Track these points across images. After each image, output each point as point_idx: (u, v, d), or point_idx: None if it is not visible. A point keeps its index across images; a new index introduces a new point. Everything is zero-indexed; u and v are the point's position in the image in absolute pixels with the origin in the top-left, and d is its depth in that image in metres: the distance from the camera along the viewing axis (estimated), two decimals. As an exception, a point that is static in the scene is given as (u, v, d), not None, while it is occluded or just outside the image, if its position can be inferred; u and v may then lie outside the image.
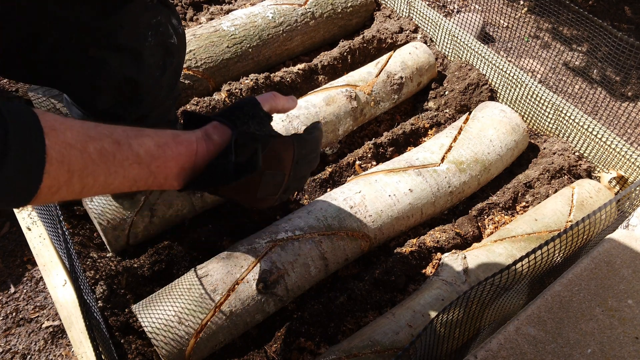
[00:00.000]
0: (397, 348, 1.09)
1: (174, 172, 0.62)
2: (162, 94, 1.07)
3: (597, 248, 1.03)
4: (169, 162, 0.60)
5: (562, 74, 2.39)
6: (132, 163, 0.55)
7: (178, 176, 0.63)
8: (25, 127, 0.47)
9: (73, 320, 1.11)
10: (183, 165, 0.62)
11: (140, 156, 0.56)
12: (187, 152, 0.62)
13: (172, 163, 0.61)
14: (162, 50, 1.00)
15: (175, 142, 0.61)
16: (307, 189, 1.52)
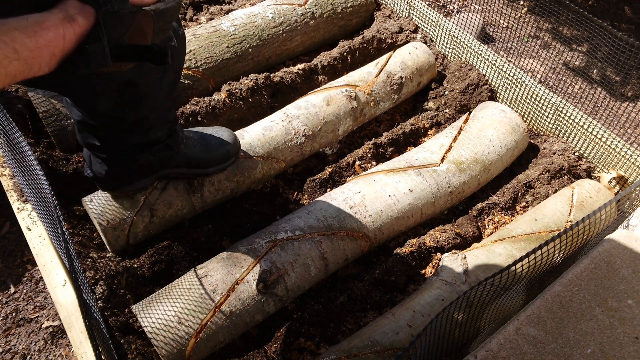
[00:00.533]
0: (397, 348, 1.09)
1: (46, 59, 0.60)
2: (161, 96, 1.08)
3: (597, 248, 1.03)
4: (42, 50, 0.58)
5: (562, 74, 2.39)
6: (12, 60, 0.54)
7: (49, 63, 0.61)
8: None
9: (73, 320, 1.11)
10: (53, 51, 0.60)
11: (18, 51, 0.55)
12: (55, 38, 0.60)
13: (44, 52, 0.59)
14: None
15: (43, 29, 0.58)
16: (307, 189, 1.52)
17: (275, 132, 1.49)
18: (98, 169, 1.21)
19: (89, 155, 1.22)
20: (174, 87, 1.11)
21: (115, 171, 1.21)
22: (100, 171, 1.21)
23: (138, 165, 1.21)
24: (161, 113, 1.13)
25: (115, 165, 1.20)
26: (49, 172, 1.39)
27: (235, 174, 1.41)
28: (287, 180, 1.57)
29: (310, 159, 1.64)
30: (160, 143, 1.21)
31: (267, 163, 1.47)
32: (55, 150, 1.48)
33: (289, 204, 1.51)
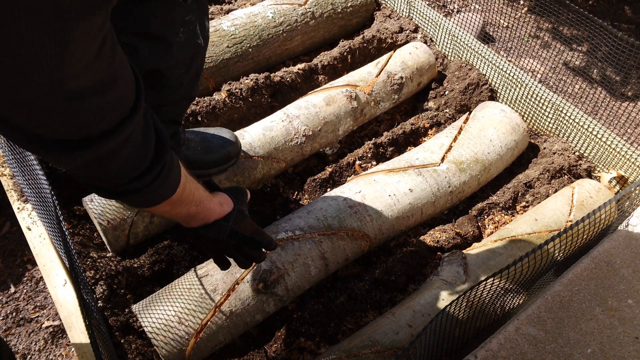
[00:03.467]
0: (397, 348, 1.09)
1: (201, 218, 0.90)
2: (180, 91, 1.09)
3: (597, 248, 1.03)
4: (205, 212, 0.90)
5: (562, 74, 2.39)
6: (192, 205, 0.86)
7: (199, 221, 0.91)
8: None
9: (73, 320, 1.11)
10: (207, 216, 0.91)
11: (197, 202, 0.86)
12: (213, 210, 0.91)
13: (204, 213, 0.90)
14: (192, 48, 1.03)
15: (209, 201, 0.90)
16: (307, 188, 1.52)
17: (275, 132, 1.49)
18: None
19: None
20: (192, 86, 1.12)
21: None
22: None
23: None
24: (173, 109, 1.13)
25: None
26: (49, 172, 1.39)
27: (235, 174, 1.41)
28: (287, 180, 1.57)
29: (311, 158, 1.64)
30: None
31: (267, 163, 1.47)
32: (55, 150, 1.48)
33: (289, 203, 1.51)
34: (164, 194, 0.75)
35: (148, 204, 0.75)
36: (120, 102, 0.57)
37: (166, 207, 0.78)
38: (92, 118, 0.54)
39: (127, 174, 0.65)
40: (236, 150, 1.37)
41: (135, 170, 0.66)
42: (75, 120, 0.52)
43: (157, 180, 0.70)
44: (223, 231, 0.93)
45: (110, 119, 0.56)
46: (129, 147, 0.62)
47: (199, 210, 0.88)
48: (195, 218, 0.89)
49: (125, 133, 0.59)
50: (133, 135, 0.61)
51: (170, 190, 0.76)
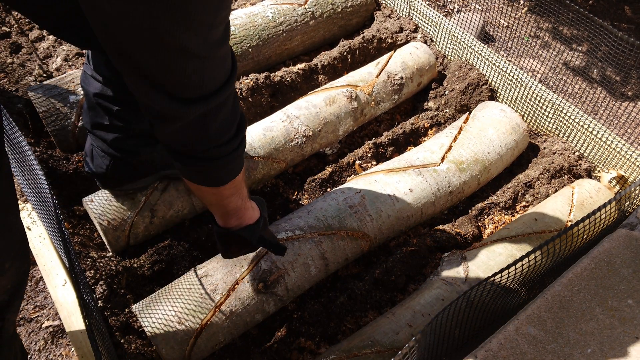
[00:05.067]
0: (397, 348, 1.09)
1: (239, 216, 0.97)
2: None
3: (597, 248, 1.03)
4: (244, 211, 0.98)
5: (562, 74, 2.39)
6: (240, 199, 0.95)
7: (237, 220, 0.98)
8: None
9: (73, 320, 1.11)
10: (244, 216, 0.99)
11: (243, 197, 0.96)
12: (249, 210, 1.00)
13: (243, 212, 0.98)
14: None
15: (248, 201, 0.99)
16: (307, 188, 1.52)
17: (275, 133, 1.49)
18: (99, 163, 1.20)
19: (91, 149, 1.21)
20: None
21: (117, 166, 1.20)
22: (102, 166, 1.20)
23: (140, 160, 1.21)
24: None
25: (117, 159, 1.19)
26: (49, 172, 1.39)
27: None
28: (287, 180, 1.57)
29: (311, 158, 1.64)
30: None
31: (267, 163, 1.47)
32: (55, 150, 1.48)
33: (289, 203, 1.51)
34: (236, 168, 0.86)
35: (227, 177, 0.86)
36: (228, 57, 0.70)
37: (230, 189, 0.89)
38: (218, 70, 0.68)
39: (222, 133, 0.77)
40: None
41: (227, 132, 0.78)
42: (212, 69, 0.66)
43: (238, 150, 0.82)
44: (255, 235, 1.02)
45: (223, 73, 0.70)
46: (229, 106, 0.75)
47: (242, 207, 0.97)
48: (237, 214, 0.97)
49: (229, 90, 0.72)
50: (232, 95, 0.75)
51: (239, 167, 0.87)
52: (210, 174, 0.84)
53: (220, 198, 0.91)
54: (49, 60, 1.82)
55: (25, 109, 1.53)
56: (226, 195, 0.90)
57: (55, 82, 1.49)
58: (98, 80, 1.08)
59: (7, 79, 1.65)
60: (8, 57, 1.75)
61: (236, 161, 0.84)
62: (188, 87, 0.67)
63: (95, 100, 1.11)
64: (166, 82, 0.65)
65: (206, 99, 0.69)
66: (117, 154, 1.18)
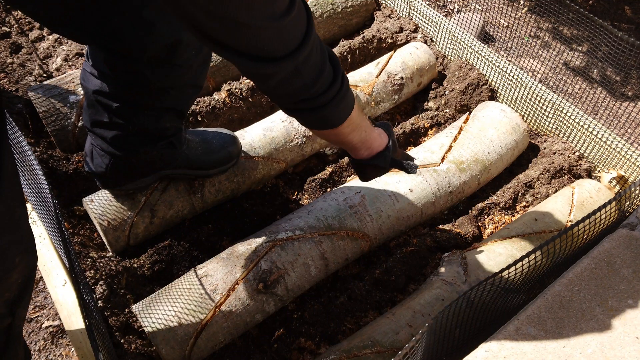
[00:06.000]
0: (397, 348, 1.09)
1: (368, 146, 1.03)
2: (188, 75, 1.10)
3: (597, 248, 1.03)
4: (371, 141, 1.03)
5: (562, 74, 2.39)
6: (363, 131, 0.99)
7: (366, 150, 1.04)
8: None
9: (73, 320, 1.11)
10: (372, 146, 1.04)
11: (365, 128, 1.00)
12: (376, 139, 1.04)
13: (370, 142, 1.03)
14: None
15: (372, 130, 1.03)
16: (307, 188, 1.52)
17: (276, 133, 1.49)
18: (99, 162, 1.20)
19: (91, 148, 1.21)
20: (200, 73, 1.13)
21: (116, 166, 1.20)
22: (101, 165, 1.20)
23: (140, 160, 1.21)
24: (180, 97, 1.14)
25: (117, 158, 1.19)
26: (49, 172, 1.39)
27: (235, 175, 1.41)
28: (287, 180, 1.57)
29: (311, 158, 1.64)
30: (166, 139, 1.21)
31: (267, 163, 1.47)
32: (55, 150, 1.48)
33: (289, 203, 1.51)
34: (347, 106, 0.90)
35: (341, 117, 0.90)
36: (301, 16, 0.74)
37: (348, 127, 0.93)
38: (292, 33, 0.72)
39: (320, 78, 0.81)
40: (237, 151, 1.37)
41: (324, 75, 0.81)
42: (284, 34, 0.71)
43: (342, 88, 0.86)
44: (386, 160, 1.07)
45: (300, 29, 0.74)
46: (315, 53, 0.78)
47: (367, 138, 1.01)
48: (364, 145, 1.02)
49: (310, 42, 0.76)
50: (315, 43, 0.78)
51: (350, 105, 0.91)
52: (327, 119, 0.89)
53: (343, 136, 0.96)
54: (49, 60, 1.82)
55: (25, 109, 1.53)
56: (347, 132, 0.95)
57: (55, 82, 1.49)
58: (97, 77, 1.08)
59: (7, 79, 1.65)
60: (8, 57, 1.75)
61: (345, 100, 0.88)
62: (268, 52, 0.72)
63: (94, 98, 1.11)
64: (246, 49, 0.71)
65: (291, 56, 0.74)
66: (117, 153, 1.18)
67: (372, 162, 1.06)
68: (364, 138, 1.01)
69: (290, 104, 0.85)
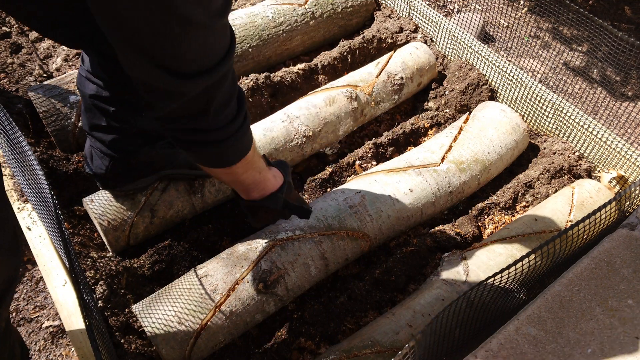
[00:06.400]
0: (397, 348, 1.09)
1: (261, 188, 1.00)
2: None
3: (597, 248, 1.03)
4: (264, 182, 1.00)
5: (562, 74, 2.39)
6: (257, 172, 0.96)
7: (259, 192, 1.00)
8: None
9: (73, 320, 1.11)
10: (265, 187, 1.00)
11: (260, 170, 0.97)
12: (270, 180, 1.01)
13: (264, 184, 1.00)
14: None
15: (267, 172, 1.00)
16: (307, 189, 1.52)
17: (276, 133, 1.49)
18: (99, 164, 1.20)
19: (90, 150, 1.21)
20: None
21: (116, 167, 1.20)
22: (101, 167, 1.20)
23: (140, 161, 1.21)
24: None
25: (117, 160, 1.19)
26: (49, 172, 1.39)
27: (235, 174, 1.41)
28: (287, 180, 1.57)
29: (311, 158, 1.64)
30: (164, 139, 1.21)
31: (267, 163, 1.47)
32: (55, 150, 1.48)
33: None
34: (244, 146, 0.86)
35: (236, 156, 0.86)
36: (227, 29, 0.70)
37: (242, 167, 0.89)
38: (218, 41, 0.68)
39: (223, 111, 0.76)
40: None
41: (227, 108, 0.77)
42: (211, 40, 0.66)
43: (242, 127, 0.82)
44: (278, 203, 1.03)
45: (223, 46, 0.70)
46: (228, 80, 0.74)
47: (261, 179, 0.98)
48: (257, 187, 0.98)
49: (229, 63, 0.72)
50: (231, 70, 0.74)
51: (247, 145, 0.87)
52: (220, 157, 0.85)
53: (235, 176, 0.93)
54: (49, 60, 1.82)
55: (25, 109, 1.53)
56: (240, 172, 0.92)
57: (55, 82, 1.49)
58: (93, 81, 1.08)
59: (7, 79, 1.65)
60: (8, 57, 1.75)
61: (243, 139, 0.84)
62: (189, 61, 0.66)
63: (91, 102, 1.11)
64: (167, 57, 0.64)
65: (208, 73, 0.68)
66: (116, 155, 1.18)
67: (264, 204, 1.02)
68: (257, 179, 0.97)
69: (182, 132, 0.78)
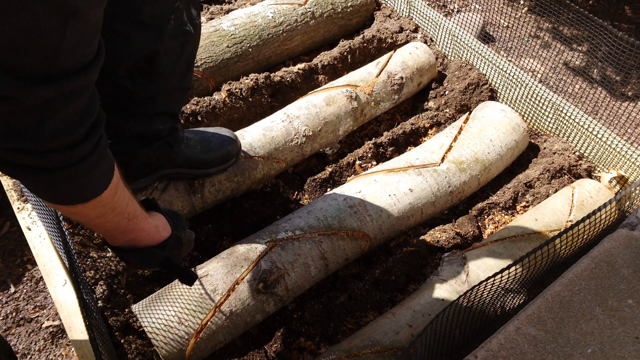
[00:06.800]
0: (397, 348, 1.09)
1: (130, 238, 0.82)
2: (172, 80, 1.09)
3: (597, 248, 1.03)
4: (137, 232, 0.82)
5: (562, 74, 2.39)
6: (123, 218, 0.78)
7: (129, 242, 0.83)
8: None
9: (73, 320, 1.11)
10: (138, 238, 0.83)
11: (129, 216, 0.79)
12: (147, 231, 0.84)
13: (136, 233, 0.82)
14: (181, 35, 1.04)
15: (144, 220, 0.83)
16: (307, 188, 1.52)
17: (275, 133, 1.49)
18: None
19: None
20: (185, 76, 1.13)
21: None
22: None
23: (137, 162, 1.21)
24: (167, 100, 1.14)
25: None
26: (49, 172, 1.39)
27: (235, 175, 1.41)
28: (287, 180, 1.56)
29: (311, 158, 1.64)
30: (161, 139, 1.21)
31: (267, 163, 1.47)
32: (55, 150, 1.48)
33: (289, 203, 1.51)
34: (96, 182, 0.66)
35: (78, 194, 0.65)
36: (98, 33, 0.57)
37: (94, 209, 0.69)
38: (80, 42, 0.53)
39: (65, 132, 0.58)
40: (236, 150, 1.37)
41: (73, 130, 0.59)
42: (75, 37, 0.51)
43: (91, 157, 0.63)
44: (155, 260, 0.86)
45: (87, 52, 0.56)
46: (82, 101, 0.58)
47: (129, 227, 0.79)
48: (124, 235, 0.80)
49: (88, 79, 0.56)
50: (87, 88, 0.58)
51: (102, 182, 0.68)
52: (57, 190, 0.64)
53: (87, 219, 0.73)
54: (49, 60, 1.82)
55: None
56: (93, 215, 0.72)
57: (55, 82, 1.49)
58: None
59: (7, 79, 1.65)
60: (8, 57, 1.75)
61: (92, 173, 0.64)
62: (37, 56, 0.49)
63: None
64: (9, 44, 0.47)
65: (55, 82, 0.52)
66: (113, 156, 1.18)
67: (132, 259, 0.84)
68: (123, 226, 0.78)
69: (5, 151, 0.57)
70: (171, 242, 0.89)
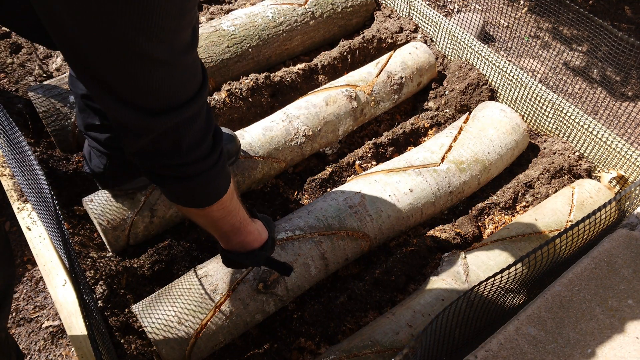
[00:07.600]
0: (397, 348, 1.09)
1: (240, 240, 0.95)
2: None
3: (597, 248, 1.03)
4: (245, 235, 0.95)
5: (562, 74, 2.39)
6: (237, 220, 0.91)
7: (237, 244, 0.96)
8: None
9: (73, 320, 1.11)
10: (245, 240, 0.96)
11: (241, 219, 0.92)
12: (252, 233, 0.97)
13: (244, 236, 0.95)
14: None
15: (250, 224, 0.96)
16: (307, 188, 1.52)
17: (275, 132, 1.49)
18: (97, 163, 1.21)
19: (89, 149, 1.22)
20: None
21: (114, 165, 1.21)
22: (99, 166, 1.21)
23: None
24: None
25: (114, 158, 1.19)
26: (49, 172, 1.39)
27: (235, 174, 1.41)
28: (287, 180, 1.56)
29: (311, 158, 1.63)
30: None
31: (267, 163, 1.47)
32: (55, 150, 1.48)
33: (289, 203, 1.51)
34: (220, 186, 0.81)
35: (211, 196, 0.81)
36: (197, 66, 0.68)
37: (218, 211, 0.84)
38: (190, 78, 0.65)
39: (196, 148, 0.72)
40: (235, 149, 1.37)
41: (201, 146, 0.73)
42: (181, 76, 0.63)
43: (217, 166, 0.77)
44: (260, 260, 1.00)
45: (194, 83, 0.67)
46: (202, 118, 0.71)
47: (241, 229, 0.93)
48: (237, 236, 0.93)
49: (200, 102, 0.69)
50: (204, 109, 0.71)
51: (224, 186, 0.82)
52: (192, 194, 0.79)
53: (211, 220, 0.86)
54: (49, 60, 1.82)
55: (25, 109, 1.53)
56: (217, 217, 0.86)
57: (55, 82, 1.49)
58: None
59: (7, 79, 1.65)
60: (8, 57, 1.75)
61: (218, 179, 0.79)
62: (155, 98, 0.63)
63: (84, 102, 1.11)
64: (131, 94, 0.61)
65: (176, 110, 0.66)
66: (112, 153, 1.19)
67: (243, 260, 0.98)
68: (237, 229, 0.92)
69: (154, 167, 0.75)
70: (270, 243, 1.01)
